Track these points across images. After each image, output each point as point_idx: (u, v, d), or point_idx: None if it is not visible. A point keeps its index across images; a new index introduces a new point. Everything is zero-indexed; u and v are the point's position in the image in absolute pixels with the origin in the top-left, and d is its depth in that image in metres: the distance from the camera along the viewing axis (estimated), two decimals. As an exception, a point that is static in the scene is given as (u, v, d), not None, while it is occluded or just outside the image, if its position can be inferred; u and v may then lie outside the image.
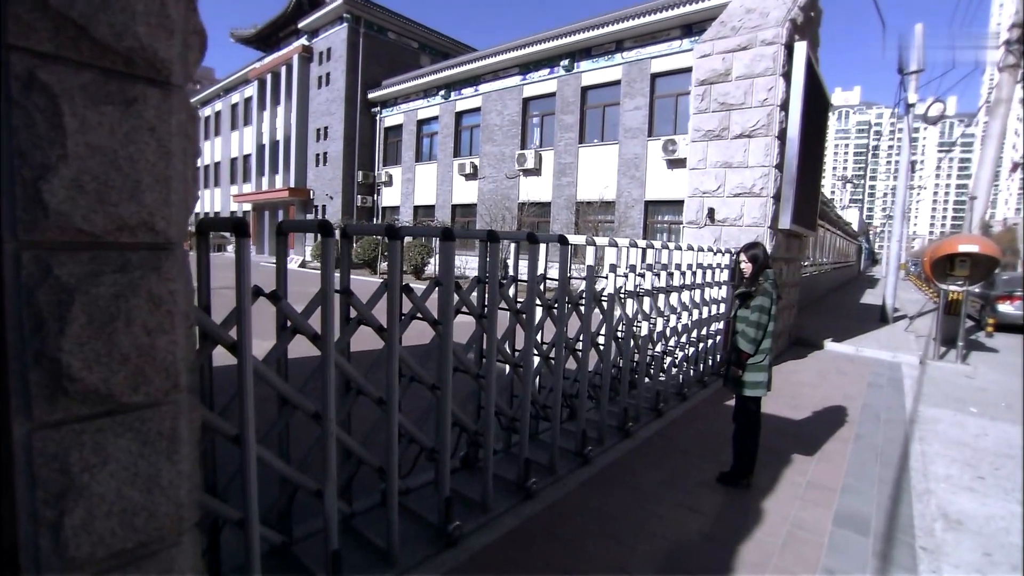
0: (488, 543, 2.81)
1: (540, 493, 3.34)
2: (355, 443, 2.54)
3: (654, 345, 4.87)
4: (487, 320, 3.04)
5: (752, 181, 6.56)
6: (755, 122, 6.59)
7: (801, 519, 3.22)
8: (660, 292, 4.83)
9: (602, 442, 4.07)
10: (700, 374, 5.87)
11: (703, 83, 7.17)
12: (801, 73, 6.62)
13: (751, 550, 2.87)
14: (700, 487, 3.58)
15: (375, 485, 2.91)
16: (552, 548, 2.79)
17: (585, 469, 3.72)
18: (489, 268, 3.01)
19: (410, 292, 2.78)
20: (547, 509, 3.19)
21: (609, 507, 3.25)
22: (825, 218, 19.12)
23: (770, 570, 2.70)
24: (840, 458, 4.21)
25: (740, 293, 3.63)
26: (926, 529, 3.18)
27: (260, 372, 2.05)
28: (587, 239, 3.82)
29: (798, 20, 6.89)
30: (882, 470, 4.01)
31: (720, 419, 5.01)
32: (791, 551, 2.88)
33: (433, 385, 2.83)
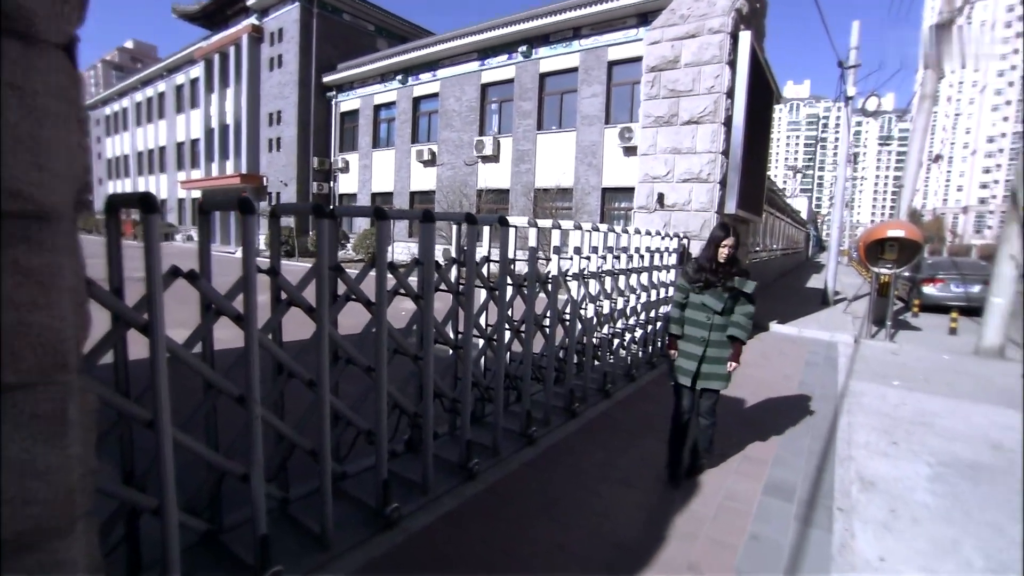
0: (427, 524, 2.82)
1: (483, 474, 3.36)
2: (285, 426, 2.49)
3: (601, 327, 4.96)
4: (424, 301, 3.02)
5: (700, 167, 6.73)
6: (703, 109, 6.75)
7: (734, 491, 3.36)
8: (606, 275, 4.91)
9: (548, 423, 4.12)
10: (649, 355, 6.02)
11: (653, 70, 7.28)
12: (746, 62, 6.80)
13: (685, 521, 2.98)
14: (641, 464, 3.68)
15: (314, 470, 2.87)
16: (491, 527, 2.82)
17: (529, 450, 3.77)
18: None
19: (342, 273, 2.73)
20: (488, 490, 3.21)
21: (551, 486, 3.30)
22: (774, 206, 19.83)
23: (701, 539, 2.81)
24: (775, 433, 4.41)
25: (708, 281, 3.23)
26: (844, 492, 3.38)
27: (177, 353, 1.98)
28: (529, 220, 3.83)
29: (743, 10, 7.05)
30: (811, 442, 4.23)
31: (667, 399, 5.15)
32: (722, 520, 3.01)
33: (369, 367, 2.80)
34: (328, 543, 2.50)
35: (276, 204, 2.66)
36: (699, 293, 3.28)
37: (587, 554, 2.62)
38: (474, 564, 2.52)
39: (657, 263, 5.86)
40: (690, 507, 3.13)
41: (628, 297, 5.30)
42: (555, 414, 4.32)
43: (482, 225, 3.74)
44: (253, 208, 2.09)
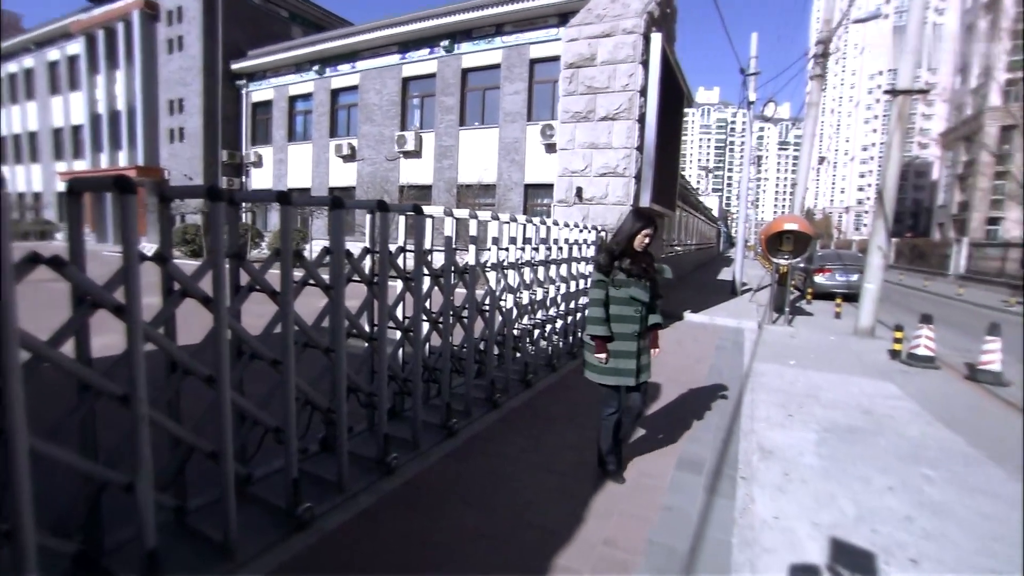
0: (343, 522, 2.71)
1: (402, 468, 3.29)
2: (178, 427, 2.29)
3: (522, 318, 5.00)
4: (334, 291, 2.90)
5: (616, 162, 6.98)
6: (618, 106, 7.00)
7: (648, 467, 3.52)
8: (526, 266, 4.96)
9: (469, 415, 4.11)
10: (570, 345, 6.17)
11: (571, 66, 7.45)
12: (658, 62, 7.13)
13: (602, 500, 3.07)
14: (560, 449, 3.76)
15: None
16: (409, 521, 2.76)
17: (450, 441, 3.73)
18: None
19: (243, 261, 2.56)
20: (408, 483, 3.15)
21: (471, 476, 3.29)
22: (688, 203, 21.02)
23: (617, 515, 2.91)
24: (688, 412, 4.66)
25: (633, 272, 3.05)
26: (746, 462, 3.64)
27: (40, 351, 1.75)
28: (445, 210, 3.78)
29: (655, 13, 7.40)
30: (720, 419, 4.52)
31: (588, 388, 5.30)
32: (637, 496, 3.13)
33: (275, 360, 2.65)
34: (232, 551, 2.34)
35: (163, 186, 2.42)
36: (624, 287, 3.05)
37: (507, 538, 2.64)
38: (390, 559, 2.45)
39: (576, 255, 6.01)
40: (607, 486, 3.23)
41: (548, 288, 5.39)
42: (477, 405, 4.31)
43: (396, 214, 3.66)
44: (132, 187, 1.90)
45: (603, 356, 3.07)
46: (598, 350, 3.08)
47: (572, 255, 5.89)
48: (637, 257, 3.09)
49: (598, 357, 3.09)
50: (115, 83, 23.75)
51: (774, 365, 6.60)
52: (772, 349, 7.61)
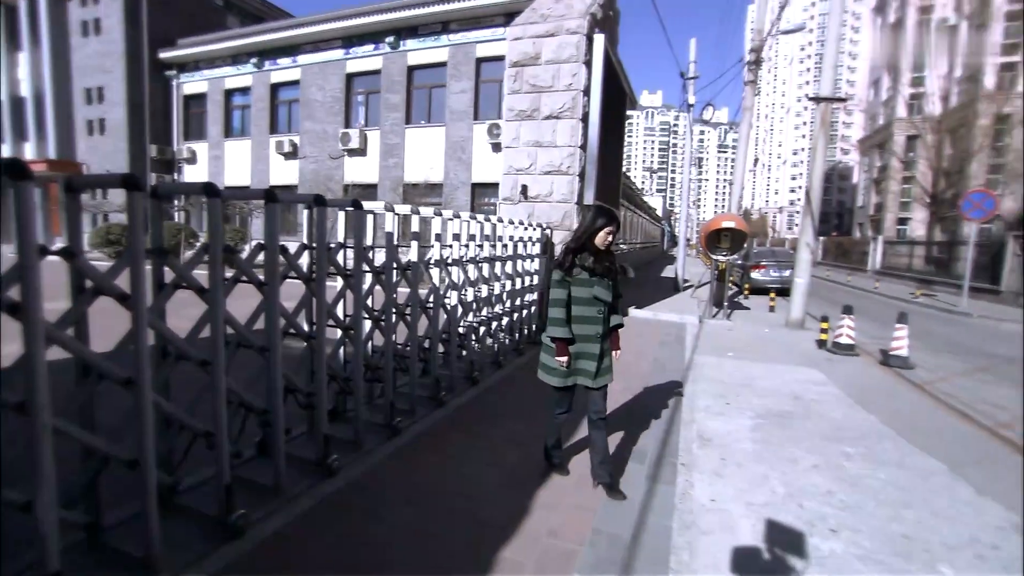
0: (280, 528, 2.61)
1: (343, 470, 3.20)
2: (89, 435, 2.12)
3: (467, 315, 4.97)
4: (269, 288, 2.78)
5: (560, 160, 7.08)
6: (562, 104, 7.09)
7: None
8: (471, 263, 4.94)
9: (413, 413, 4.04)
10: (516, 343, 6.19)
11: (516, 65, 7.49)
12: (600, 63, 7.28)
13: (547, 493, 3.09)
14: (507, 444, 3.76)
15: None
16: (350, 522, 2.68)
17: (394, 441, 3.66)
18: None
19: (167, 257, 2.40)
20: (350, 485, 3.06)
21: (415, 474, 3.24)
22: (633, 203, 21.60)
23: (563, 506, 2.94)
24: (632, 404, 4.78)
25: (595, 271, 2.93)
26: (686, 449, 3.77)
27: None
28: (385, 205, 3.71)
29: (598, 15, 7.55)
30: (662, 410, 4.65)
31: (535, 384, 5.33)
32: (583, 486, 3.18)
33: (203, 361, 2.50)
34: (155, 566, 2.19)
35: (72, 176, 2.23)
36: (586, 286, 2.91)
37: (452, 535, 2.61)
38: (329, 561, 2.37)
39: (521, 252, 6.04)
40: (553, 479, 3.26)
41: (493, 285, 5.39)
42: (422, 404, 4.25)
43: (334, 209, 3.55)
44: (25, 172, 1.73)
45: (564, 359, 2.90)
46: (559, 353, 2.90)
47: (517, 252, 5.91)
48: (600, 255, 2.95)
49: (559, 360, 2.91)
50: (18, 67, 21.78)
51: (713, 357, 6.88)
52: (712, 342, 7.93)
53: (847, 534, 2.76)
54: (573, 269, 2.92)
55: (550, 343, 2.99)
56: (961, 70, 34.55)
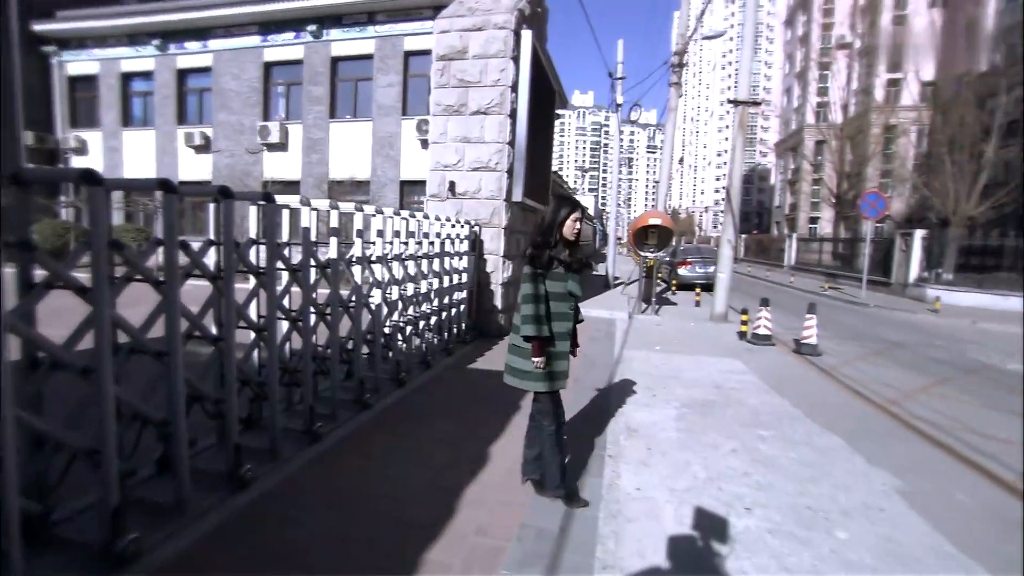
0: (184, 548, 2.37)
1: (258, 480, 2.96)
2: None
3: (391, 314, 4.80)
4: (168, 287, 2.52)
5: (489, 156, 7.01)
6: (490, 100, 7.03)
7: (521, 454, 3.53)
8: (395, 260, 4.77)
9: (335, 417, 3.84)
10: (445, 342, 6.07)
11: (443, 58, 7.34)
12: (528, 59, 7.28)
13: (476, 490, 3.02)
14: (434, 444, 3.65)
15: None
16: (265, 534, 2.49)
17: (314, 447, 3.45)
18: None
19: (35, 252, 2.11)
20: (265, 495, 2.85)
21: (336, 479, 3.07)
22: (564, 202, 21.94)
23: (491, 503, 2.88)
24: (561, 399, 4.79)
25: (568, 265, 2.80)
26: (613, 441, 3.83)
27: None
28: (302, 199, 3.49)
29: (525, 11, 7.53)
30: (591, 404, 4.71)
31: (463, 382, 5.26)
32: (511, 481, 3.13)
33: (85, 368, 2.22)
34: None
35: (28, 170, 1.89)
36: (560, 280, 2.76)
37: (376, 539, 2.49)
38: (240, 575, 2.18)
39: (449, 249, 5.92)
40: (481, 477, 3.20)
41: (420, 284, 5.24)
42: (345, 408, 4.04)
43: (245, 203, 3.30)
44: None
45: (542, 360, 2.70)
46: (536, 353, 2.69)
47: (445, 250, 5.79)
48: (571, 247, 2.82)
49: (536, 362, 2.70)
50: None
51: (642, 351, 7.08)
52: (641, 337, 8.18)
53: (760, 511, 2.89)
54: (551, 264, 2.73)
55: (523, 344, 2.74)
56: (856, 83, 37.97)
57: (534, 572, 2.29)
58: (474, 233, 6.84)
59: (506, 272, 7.53)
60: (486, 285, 7.31)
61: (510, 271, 7.70)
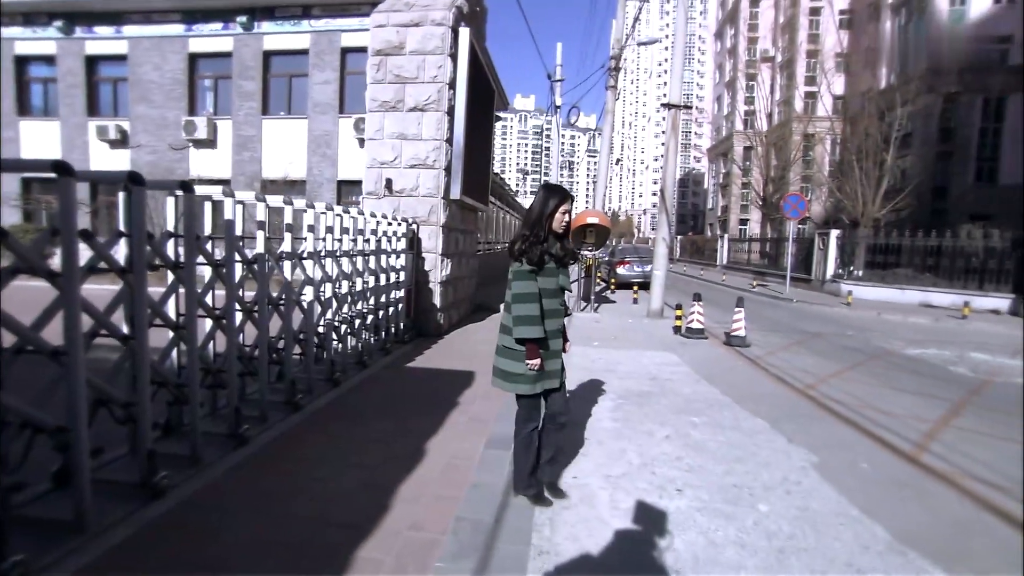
0: (85, 564, 2.18)
1: (176, 489, 2.78)
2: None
3: (325, 312, 4.64)
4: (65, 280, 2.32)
5: (426, 153, 6.94)
6: (427, 97, 6.96)
7: (459, 449, 3.51)
8: (328, 256, 4.62)
9: (265, 420, 3.66)
10: (383, 341, 5.94)
11: (379, 53, 7.20)
12: (466, 56, 7.26)
13: (410, 487, 2.96)
14: (368, 443, 3.55)
15: None
16: (180, 543, 2.34)
17: (241, 451, 3.28)
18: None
19: None
20: (183, 504, 2.67)
21: (264, 484, 2.92)
22: (505, 202, 22.08)
23: (426, 498, 2.84)
24: (499, 396, 4.78)
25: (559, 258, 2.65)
26: (550, 433, 3.87)
27: None
28: (224, 191, 3.31)
29: (464, 8, 7.52)
30: (528, 396, 4.74)
31: (400, 381, 5.16)
32: (447, 477, 3.10)
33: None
34: None
35: None
36: (552, 275, 2.62)
37: (305, 541, 2.38)
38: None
39: (386, 247, 5.81)
40: (416, 473, 3.14)
41: (355, 282, 5.10)
42: (275, 410, 3.87)
43: (157, 191, 3.09)
44: None
45: (537, 362, 2.54)
46: (532, 355, 2.52)
47: (381, 247, 5.67)
48: (561, 240, 2.68)
49: (531, 364, 2.53)
50: None
51: (581, 347, 7.20)
52: (580, 333, 8.32)
53: (690, 491, 3.00)
54: (544, 259, 2.57)
55: (516, 346, 2.57)
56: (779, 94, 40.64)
57: (469, 563, 2.28)
58: (412, 231, 6.74)
59: (445, 270, 7.47)
60: (424, 284, 7.22)
61: (448, 269, 7.64)
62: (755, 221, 42.03)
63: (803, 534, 2.59)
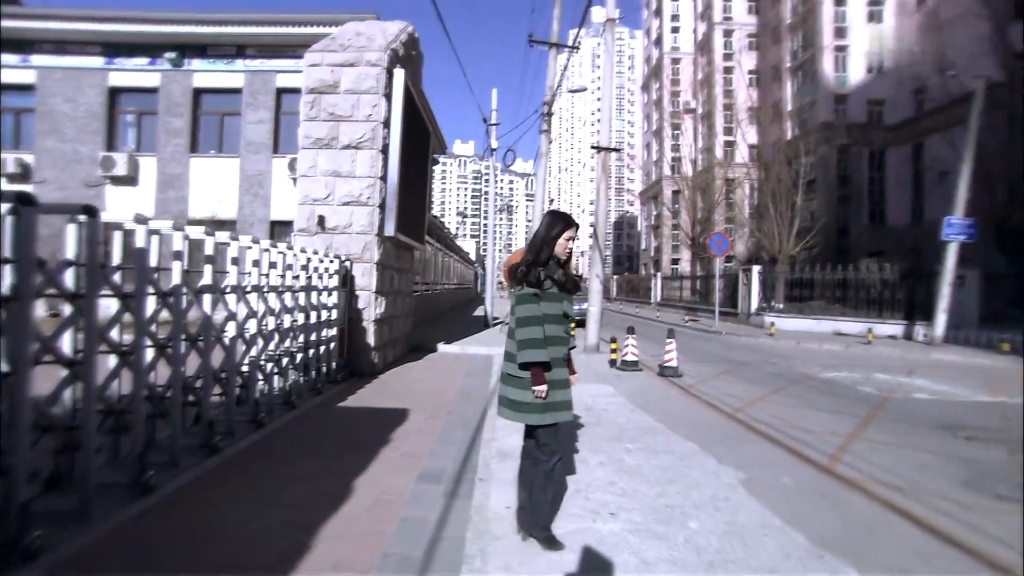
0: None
1: (53, 549, 2.44)
2: None
3: (250, 349, 4.40)
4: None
5: (360, 190, 6.91)
6: (362, 135, 6.99)
7: (390, 485, 3.36)
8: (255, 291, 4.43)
9: (176, 465, 3.37)
10: (313, 381, 5.68)
11: (313, 91, 7.20)
12: (400, 97, 7.40)
13: (335, 525, 2.80)
14: (291, 483, 3.34)
15: None
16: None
17: (145, 500, 2.97)
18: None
19: None
20: (61, 566, 2.35)
21: (170, 533, 2.66)
22: (445, 244, 22.15)
23: (352, 535, 2.69)
24: (433, 431, 4.68)
25: (562, 285, 2.59)
26: (485, 465, 3.80)
27: None
28: (137, 217, 3.14)
29: (399, 52, 7.70)
30: (463, 432, 4.65)
31: (331, 422, 4.93)
32: (376, 513, 2.96)
33: None
34: None
35: None
36: (555, 301, 2.55)
37: (206, 596, 2.17)
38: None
39: (317, 283, 5.65)
40: (343, 510, 2.97)
41: (283, 318, 4.89)
42: (190, 454, 3.57)
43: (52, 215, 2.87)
44: None
45: (543, 389, 2.45)
46: (538, 381, 2.44)
47: (312, 284, 5.51)
48: (564, 266, 2.65)
49: (538, 391, 2.44)
50: None
51: (519, 380, 7.20)
52: (519, 367, 8.33)
53: (624, 514, 3.02)
54: (544, 283, 2.51)
55: (519, 373, 2.49)
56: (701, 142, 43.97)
57: (395, 600, 2.15)
58: (344, 268, 6.60)
59: (379, 308, 7.32)
60: (358, 322, 7.03)
61: (383, 307, 7.50)
62: (686, 260, 44.37)
63: (731, 547, 2.66)
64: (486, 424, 4.96)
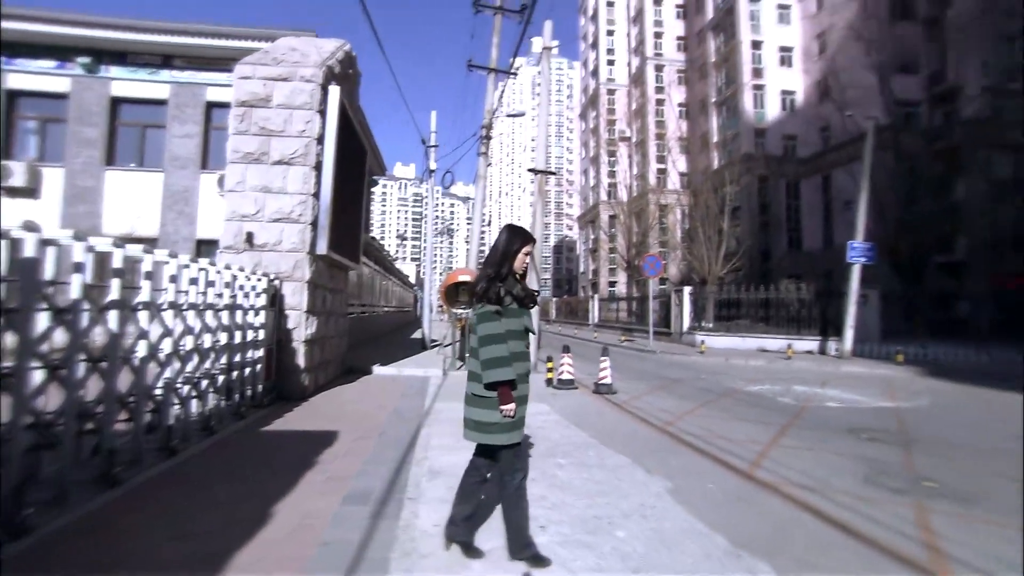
0: None
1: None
2: None
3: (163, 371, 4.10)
4: None
5: (291, 207, 6.69)
6: (294, 150, 6.81)
7: (313, 509, 3.21)
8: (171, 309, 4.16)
9: (65, 500, 3.04)
10: (236, 405, 5.36)
11: (243, 104, 6.96)
12: (335, 114, 7.28)
13: (251, 551, 2.64)
14: (204, 512, 3.11)
15: None
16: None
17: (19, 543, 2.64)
18: None
19: None
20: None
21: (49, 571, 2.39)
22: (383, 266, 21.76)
23: (269, 560, 2.54)
24: (363, 452, 4.52)
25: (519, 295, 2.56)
26: (415, 484, 3.71)
27: None
28: (27, 224, 2.88)
29: (335, 69, 7.61)
30: (395, 452, 4.52)
31: (253, 447, 4.66)
32: (297, 537, 2.81)
33: None
34: None
35: None
36: (516, 316, 2.53)
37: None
38: None
39: (243, 302, 5.39)
40: (260, 536, 2.79)
41: (202, 338, 4.61)
42: (84, 488, 3.25)
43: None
44: None
45: (512, 407, 2.41)
46: (506, 400, 2.40)
47: (237, 302, 5.25)
48: (523, 281, 2.64)
49: (506, 410, 2.40)
50: None
51: (452, 403, 7.08)
52: (453, 391, 8.20)
53: (553, 527, 3.02)
54: (504, 299, 2.49)
55: (486, 393, 2.44)
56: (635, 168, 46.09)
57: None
58: (274, 287, 6.32)
59: (310, 329, 7.05)
60: (288, 343, 6.72)
61: (314, 328, 7.22)
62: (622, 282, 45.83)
63: (656, 552, 2.72)
64: (418, 443, 4.85)
